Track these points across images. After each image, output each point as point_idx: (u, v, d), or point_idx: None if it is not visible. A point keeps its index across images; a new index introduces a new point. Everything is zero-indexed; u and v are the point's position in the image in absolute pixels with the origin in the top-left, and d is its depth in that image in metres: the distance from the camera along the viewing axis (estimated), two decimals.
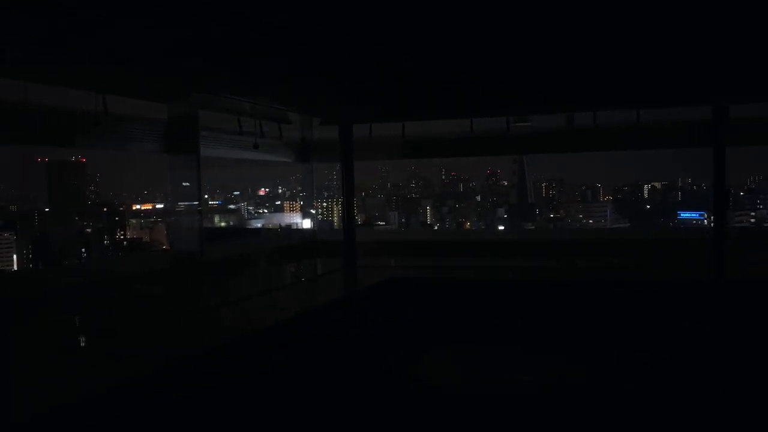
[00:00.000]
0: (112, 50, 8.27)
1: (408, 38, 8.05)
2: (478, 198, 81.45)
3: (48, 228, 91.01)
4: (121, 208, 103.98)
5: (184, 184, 14.43)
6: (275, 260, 18.10)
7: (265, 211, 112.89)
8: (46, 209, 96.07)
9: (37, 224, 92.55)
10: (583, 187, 76.15)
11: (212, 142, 15.21)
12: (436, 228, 72.53)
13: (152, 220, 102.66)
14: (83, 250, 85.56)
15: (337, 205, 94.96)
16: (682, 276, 13.03)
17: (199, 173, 13.84)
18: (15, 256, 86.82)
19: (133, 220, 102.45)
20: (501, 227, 70.07)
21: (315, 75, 11.01)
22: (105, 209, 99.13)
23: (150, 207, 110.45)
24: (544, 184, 79.48)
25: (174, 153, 14.13)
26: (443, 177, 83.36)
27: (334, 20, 7.06)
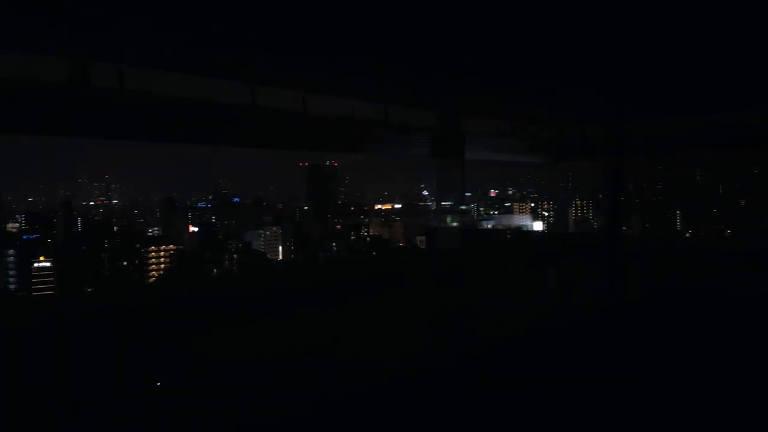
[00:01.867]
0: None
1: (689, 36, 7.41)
2: (743, 202, 70.40)
3: (306, 224, 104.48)
4: (366, 208, 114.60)
5: (445, 185, 15.22)
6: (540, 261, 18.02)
7: (495, 212, 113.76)
8: (305, 207, 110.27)
9: (298, 221, 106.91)
10: None
11: (474, 146, 15.80)
12: (687, 234, 64.73)
13: (394, 218, 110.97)
14: (333, 244, 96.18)
15: (575, 206, 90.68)
16: None
17: (463, 175, 14.53)
18: (280, 248, 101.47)
19: (367, 219, 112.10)
20: None
21: (584, 85, 10.75)
22: (352, 208, 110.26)
23: (389, 207, 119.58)
24: None
25: (441, 157, 15.06)
26: (698, 177, 73.92)
27: (603, 33, 6.89)
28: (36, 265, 73.87)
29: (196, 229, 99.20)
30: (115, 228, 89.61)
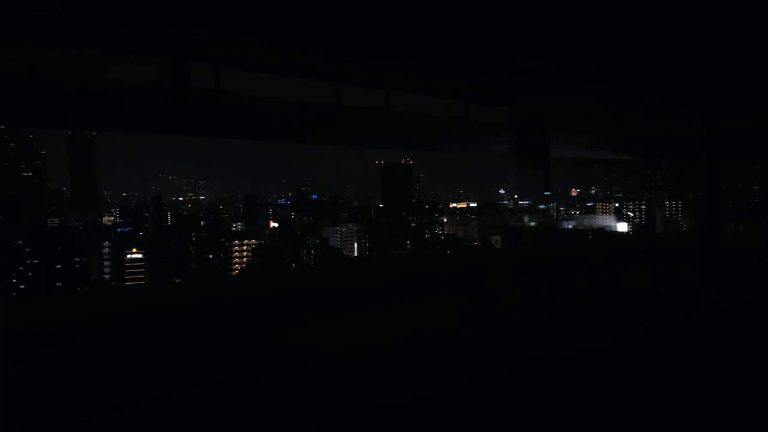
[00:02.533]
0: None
1: None
2: None
3: (381, 221, 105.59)
4: (440, 206, 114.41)
5: (528, 182, 14.81)
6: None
7: (576, 212, 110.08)
8: (381, 205, 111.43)
9: (372, 218, 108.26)
10: None
11: (561, 144, 15.30)
12: None
13: (470, 217, 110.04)
14: (408, 242, 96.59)
15: (661, 207, 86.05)
16: None
17: (547, 174, 14.10)
18: (355, 245, 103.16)
19: (445, 219, 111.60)
20: None
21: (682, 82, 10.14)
22: (427, 206, 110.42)
23: (464, 205, 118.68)
24: None
25: (524, 154, 14.69)
26: None
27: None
28: (129, 256, 79.05)
29: (276, 225, 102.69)
30: (202, 222, 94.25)
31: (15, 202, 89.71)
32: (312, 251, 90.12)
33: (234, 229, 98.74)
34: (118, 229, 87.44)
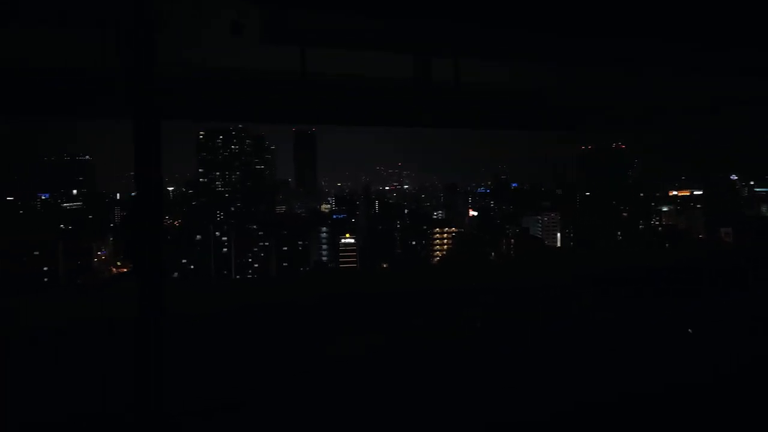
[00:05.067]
0: None
1: None
2: None
3: (587, 211, 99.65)
4: (657, 194, 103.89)
5: None
6: None
7: None
8: (587, 193, 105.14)
9: (577, 207, 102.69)
10: None
11: None
12: None
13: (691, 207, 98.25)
14: (618, 233, 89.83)
15: None
16: None
17: None
18: (558, 235, 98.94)
19: (665, 208, 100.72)
20: None
21: None
22: (641, 195, 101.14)
23: (687, 193, 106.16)
24: None
25: None
26: None
27: None
28: (343, 241, 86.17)
29: (475, 214, 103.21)
30: (406, 210, 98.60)
31: (250, 191, 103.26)
32: (512, 240, 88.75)
33: (435, 217, 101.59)
34: (334, 216, 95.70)
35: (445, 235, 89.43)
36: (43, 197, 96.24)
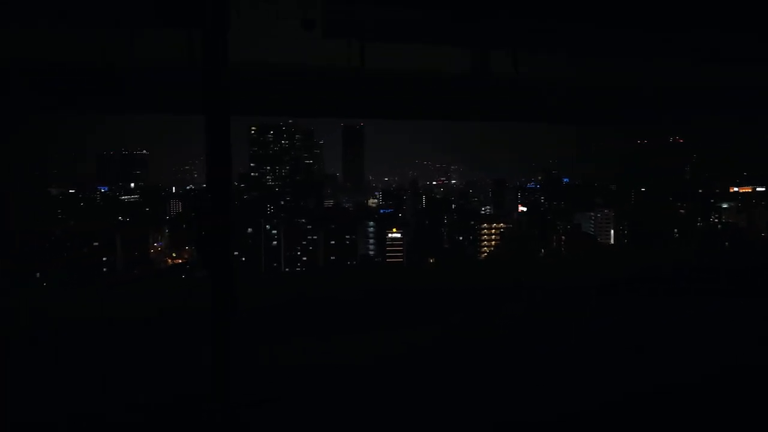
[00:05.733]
0: None
1: None
2: None
3: (642, 207, 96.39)
4: (717, 190, 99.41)
5: None
6: None
7: None
8: (642, 189, 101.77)
9: (632, 203, 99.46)
10: None
11: None
12: None
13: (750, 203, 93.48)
14: (675, 231, 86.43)
15: None
16: None
17: None
18: (612, 232, 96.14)
19: (725, 205, 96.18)
20: None
21: None
22: (700, 191, 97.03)
23: (749, 190, 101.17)
24: None
25: None
26: None
27: None
28: (389, 235, 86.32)
29: (524, 209, 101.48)
30: (453, 206, 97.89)
31: (299, 185, 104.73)
32: (562, 237, 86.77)
33: (483, 212, 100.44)
34: (381, 211, 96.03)
35: (493, 231, 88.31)
36: (102, 190, 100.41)
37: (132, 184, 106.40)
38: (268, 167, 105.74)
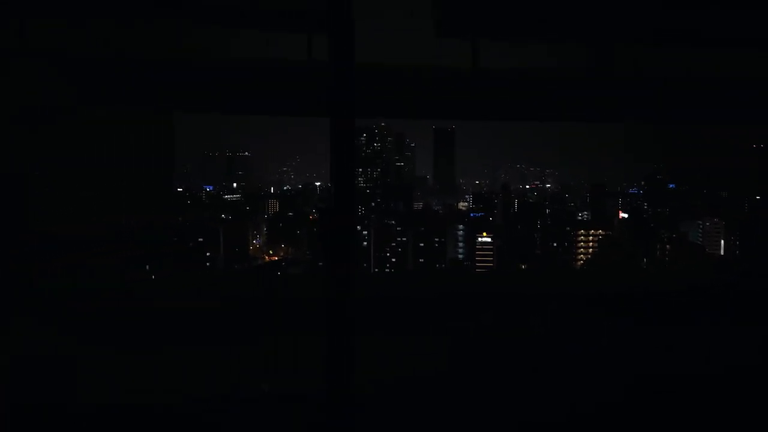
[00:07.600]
0: None
1: None
2: None
3: (755, 217, 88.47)
4: None
5: None
6: None
7: None
8: (757, 197, 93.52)
9: (746, 211, 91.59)
10: None
11: None
12: None
13: None
14: None
15: None
16: None
17: None
18: (722, 242, 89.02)
19: None
20: None
21: None
22: None
23: None
24: None
25: None
26: None
27: None
28: (479, 239, 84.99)
29: (625, 216, 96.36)
30: (547, 211, 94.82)
31: (390, 188, 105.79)
32: (667, 246, 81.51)
33: (580, 218, 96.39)
34: (471, 214, 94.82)
35: (591, 238, 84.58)
36: (207, 189, 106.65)
37: (234, 184, 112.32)
38: (360, 169, 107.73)
